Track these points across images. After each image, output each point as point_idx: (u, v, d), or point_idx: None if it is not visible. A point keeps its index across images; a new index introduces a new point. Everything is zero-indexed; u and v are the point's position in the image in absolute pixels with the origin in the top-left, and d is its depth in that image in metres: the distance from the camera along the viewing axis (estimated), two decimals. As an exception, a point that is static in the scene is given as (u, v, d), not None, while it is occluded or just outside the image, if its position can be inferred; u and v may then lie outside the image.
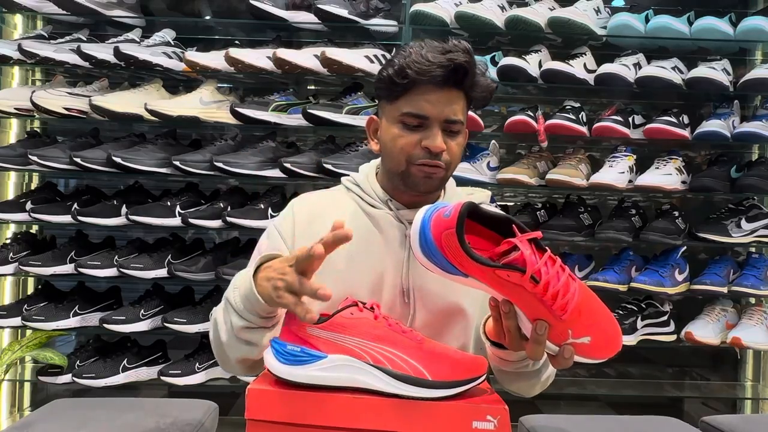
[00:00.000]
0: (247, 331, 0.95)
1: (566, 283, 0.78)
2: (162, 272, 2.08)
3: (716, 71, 2.09)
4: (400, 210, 1.12)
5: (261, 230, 1.24)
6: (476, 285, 0.82)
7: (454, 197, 1.19)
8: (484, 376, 0.88)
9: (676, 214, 2.16)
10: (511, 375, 1.04)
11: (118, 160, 2.02)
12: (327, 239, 0.84)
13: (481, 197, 1.26)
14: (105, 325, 2.04)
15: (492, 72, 2.14)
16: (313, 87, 2.51)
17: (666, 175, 2.11)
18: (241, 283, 0.94)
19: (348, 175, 1.21)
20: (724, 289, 2.11)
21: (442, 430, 0.83)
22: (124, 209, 2.10)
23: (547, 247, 0.80)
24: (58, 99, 2.12)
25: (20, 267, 2.10)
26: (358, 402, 0.84)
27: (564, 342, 0.81)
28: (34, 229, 2.43)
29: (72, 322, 2.11)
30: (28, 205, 2.13)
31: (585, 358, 0.82)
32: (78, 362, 2.13)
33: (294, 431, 0.85)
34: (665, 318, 2.17)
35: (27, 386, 2.45)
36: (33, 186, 2.42)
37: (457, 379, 0.86)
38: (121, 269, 2.05)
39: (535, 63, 2.14)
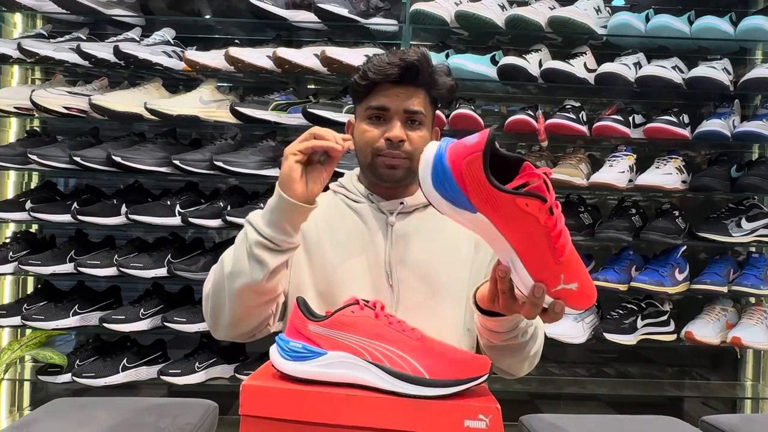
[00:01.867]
0: (262, 248, 1.01)
1: (565, 227, 0.81)
2: (162, 272, 2.08)
3: (716, 71, 2.09)
4: (381, 202, 1.21)
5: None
6: (480, 224, 0.80)
7: None
8: (485, 377, 0.88)
9: (676, 213, 2.16)
10: (500, 350, 1.09)
11: (118, 159, 2.02)
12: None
13: None
14: (105, 325, 2.04)
15: (491, 71, 2.14)
16: (313, 86, 2.51)
17: (666, 175, 2.10)
18: (260, 215, 1.05)
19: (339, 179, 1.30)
20: (724, 289, 2.11)
21: (434, 428, 0.84)
22: (123, 208, 2.10)
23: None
24: (57, 98, 2.12)
25: (20, 266, 2.10)
26: (351, 399, 0.85)
27: (556, 287, 0.82)
28: (34, 228, 2.43)
29: (72, 321, 2.11)
30: (28, 205, 2.13)
31: (570, 308, 0.84)
32: (78, 361, 2.13)
33: (288, 427, 0.86)
34: (665, 318, 2.17)
35: (27, 385, 2.45)
36: (33, 185, 2.42)
37: (456, 378, 0.86)
38: (120, 268, 2.05)
39: (535, 62, 2.14)
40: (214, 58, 2.11)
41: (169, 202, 2.09)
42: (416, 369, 0.86)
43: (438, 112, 1.43)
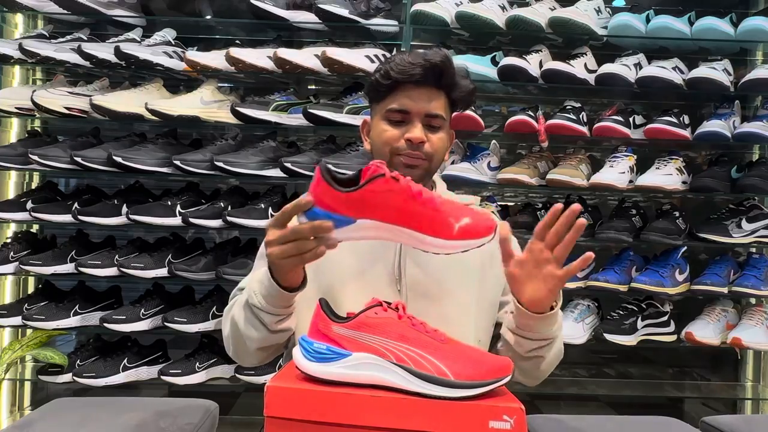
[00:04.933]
0: (264, 313, 1.05)
1: (424, 188, 0.92)
2: (162, 272, 2.08)
3: (717, 71, 2.09)
4: None
5: (261, 230, 1.25)
6: (367, 227, 0.90)
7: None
8: (508, 377, 0.89)
9: (677, 214, 2.16)
10: (526, 361, 1.11)
11: (119, 159, 2.02)
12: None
13: (470, 199, 1.31)
14: (105, 325, 2.04)
15: (492, 72, 2.14)
16: (313, 87, 2.51)
17: (666, 176, 2.11)
18: (258, 282, 1.05)
19: None
20: (725, 290, 2.11)
21: (459, 429, 0.84)
22: (124, 209, 2.10)
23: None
24: (58, 98, 2.12)
25: (21, 266, 2.10)
26: (376, 400, 0.85)
27: (454, 229, 0.89)
28: (35, 228, 2.43)
29: (72, 321, 2.11)
30: (29, 205, 2.13)
31: (479, 239, 0.90)
32: (78, 361, 2.13)
33: (312, 429, 0.86)
34: (665, 318, 2.17)
35: (27, 385, 2.45)
36: (33, 185, 2.43)
37: (480, 380, 0.87)
38: (121, 269, 2.05)
39: (535, 63, 2.14)
40: (214, 59, 2.11)
41: (169, 203, 2.09)
42: (441, 370, 0.86)
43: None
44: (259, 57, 2.09)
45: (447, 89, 1.18)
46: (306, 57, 2.08)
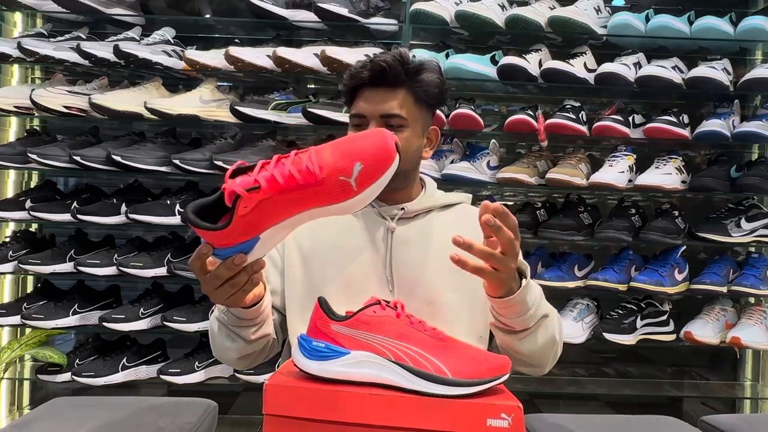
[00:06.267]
0: (235, 327, 1.06)
1: (296, 159, 0.80)
2: (161, 271, 2.08)
3: (716, 71, 2.09)
4: (381, 207, 1.20)
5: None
6: (271, 237, 0.83)
7: (432, 198, 1.25)
8: (506, 376, 0.89)
9: (676, 213, 2.16)
10: (522, 336, 1.06)
11: (118, 158, 2.02)
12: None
13: (461, 198, 1.30)
14: (104, 324, 2.04)
15: (491, 71, 2.14)
16: (313, 86, 2.51)
17: (666, 175, 2.11)
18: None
19: None
20: (724, 289, 2.11)
21: (457, 427, 0.84)
22: (123, 208, 2.10)
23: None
24: (57, 97, 2.12)
25: (20, 265, 2.10)
26: (374, 398, 0.85)
27: (353, 185, 0.80)
28: (34, 227, 2.43)
29: (71, 320, 2.11)
30: (28, 204, 2.13)
31: (384, 177, 0.82)
32: (77, 361, 2.13)
33: (311, 427, 0.86)
34: (665, 318, 2.17)
35: (26, 384, 2.45)
36: (32, 184, 2.42)
37: (478, 378, 0.87)
38: (120, 268, 2.05)
39: (535, 62, 2.14)
40: (214, 58, 2.10)
41: (168, 202, 2.09)
42: (439, 368, 0.86)
43: (438, 112, 1.42)
44: (259, 56, 2.09)
45: (406, 86, 1.15)
46: (305, 56, 2.08)
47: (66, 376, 2.07)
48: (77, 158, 2.04)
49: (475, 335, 1.15)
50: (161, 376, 2.08)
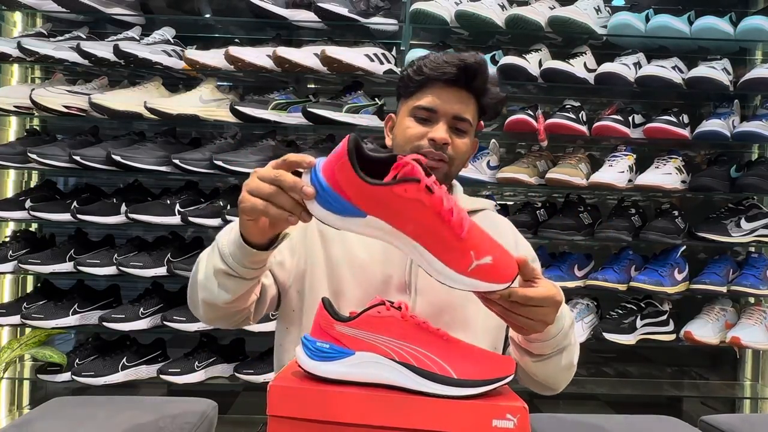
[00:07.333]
0: (225, 276, 0.98)
1: (458, 205, 0.80)
2: (161, 270, 2.08)
3: (716, 71, 2.09)
4: None
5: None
6: (375, 227, 0.80)
7: (459, 202, 1.21)
8: (511, 376, 0.88)
9: (676, 213, 2.16)
10: (545, 360, 1.05)
11: (118, 158, 2.02)
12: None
13: (485, 204, 1.28)
14: (104, 324, 2.04)
15: (492, 71, 2.14)
16: (313, 85, 2.51)
17: (666, 175, 2.11)
18: (230, 230, 0.99)
19: None
20: (724, 289, 2.11)
21: (462, 428, 0.84)
22: (123, 207, 2.10)
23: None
24: (57, 97, 2.12)
25: (19, 265, 2.10)
26: (379, 399, 0.85)
27: (470, 266, 0.80)
28: (34, 227, 2.43)
29: (71, 320, 2.11)
30: (28, 203, 2.13)
31: (492, 284, 0.82)
32: (77, 360, 2.13)
33: (316, 428, 0.85)
34: (664, 317, 2.17)
35: (26, 384, 2.45)
36: (32, 184, 2.42)
37: (483, 378, 0.87)
38: (120, 267, 2.05)
39: (535, 62, 2.14)
40: (213, 57, 2.10)
41: (168, 201, 2.09)
42: (444, 369, 0.86)
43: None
44: (259, 56, 2.09)
45: (478, 94, 1.14)
46: (305, 56, 2.08)
47: (66, 376, 2.07)
48: (77, 158, 2.04)
49: (490, 344, 1.13)
50: (161, 376, 2.07)
